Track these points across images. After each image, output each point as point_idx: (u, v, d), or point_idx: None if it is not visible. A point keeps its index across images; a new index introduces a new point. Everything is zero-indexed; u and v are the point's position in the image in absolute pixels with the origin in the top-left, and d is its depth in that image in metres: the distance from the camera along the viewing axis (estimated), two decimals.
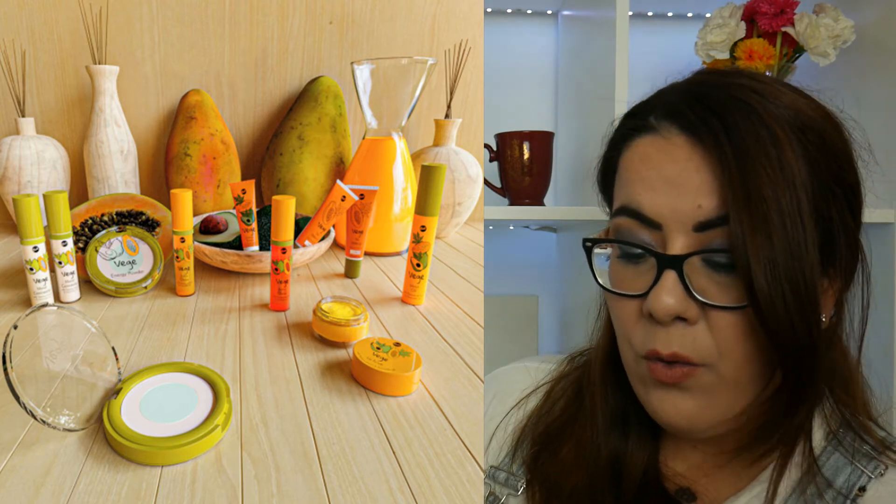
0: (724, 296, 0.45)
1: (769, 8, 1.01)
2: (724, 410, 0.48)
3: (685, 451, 0.55)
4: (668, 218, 0.46)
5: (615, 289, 0.50)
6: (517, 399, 0.62)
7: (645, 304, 0.47)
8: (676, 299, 0.45)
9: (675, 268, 0.46)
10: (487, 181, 1.18)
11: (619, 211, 0.49)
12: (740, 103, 0.45)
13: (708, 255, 0.45)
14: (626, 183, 0.49)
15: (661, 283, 0.46)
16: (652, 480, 0.53)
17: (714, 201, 0.44)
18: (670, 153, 0.46)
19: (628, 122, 0.51)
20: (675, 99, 0.48)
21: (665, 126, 0.47)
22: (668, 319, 0.46)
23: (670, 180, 0.46)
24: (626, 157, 0.50)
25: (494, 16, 1.26)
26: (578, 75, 1.17)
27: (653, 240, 0.47)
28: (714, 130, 0.44)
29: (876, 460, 0.50)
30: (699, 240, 0.45)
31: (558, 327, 1.28)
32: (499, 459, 0.60)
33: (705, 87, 0.48)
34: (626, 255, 0.49)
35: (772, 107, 0.45)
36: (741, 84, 0.46)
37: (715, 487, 0.53)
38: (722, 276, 0.45)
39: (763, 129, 0.44)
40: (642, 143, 0.48)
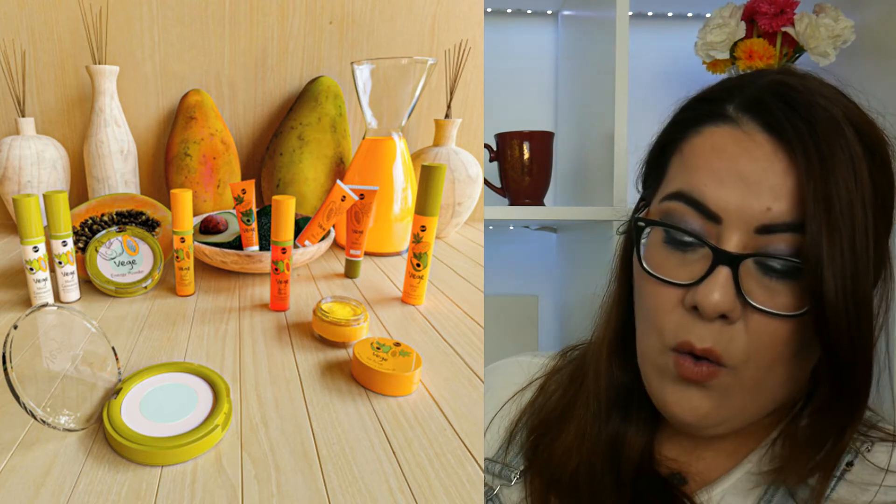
0: (771, 301, 0.45)
1: (769, 8, 1.01)
2: (736, 412, 0.48)
3: (678, 435, 0.55)
4: (733, 214, 0.45)
5: (657, 273, 0.48)
6: (511, 393, 0.63)
7: (690, 294, 0.46)
8: (726, 297, 0.45)
9: (732, 266, 0.45)
10: (487, 181, 1.18)
11: (674, 195, 0.48)
12: (826, 113, 0.44)
13: (764, 258, 0.45)
14: (689, 169, 0.48)
15: (713, 278, 0.45)
16: (647, 464, 0.53)
17: (785, 206, 0.44)
18: (749, 150, 0.45)
19: (701, 107, 0.49)
20: (758, 94, 0.46)
21: (745, 120, 0.46)
22: (714, 316, 0.45)
23: (744, 177, 0.44)
24: (695, 143, 0.48)
25: (494, 16, 1.26)
26: (578, 75, 1.17)
27: (705, 231, 0.46)
28: (802, 137, 0.43)
29: (862, 437, 0.50)
30: (757, 241, 0.45)
31: (558, 327, 1.28)
32: (493, 452, 0.61)
33: (789, 87, 0.46)
34: (674, 240, 0.48)
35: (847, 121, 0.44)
36: (821, 91, 0.46)
37: (704, 469, 0.54)
38: (773, 282, 0.45)
39: (845, 144, 0.43)
40: (717, 133, 0.47)
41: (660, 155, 0.52)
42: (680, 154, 0.49)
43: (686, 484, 0.53)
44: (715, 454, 0.54)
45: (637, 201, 0.56)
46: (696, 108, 0.50)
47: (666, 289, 0.48)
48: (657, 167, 0.53)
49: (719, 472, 0.53)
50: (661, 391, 0.50)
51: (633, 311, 0.53)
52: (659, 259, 0.49)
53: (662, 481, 0.53)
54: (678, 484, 0.53)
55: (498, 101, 1.26)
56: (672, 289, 0.48)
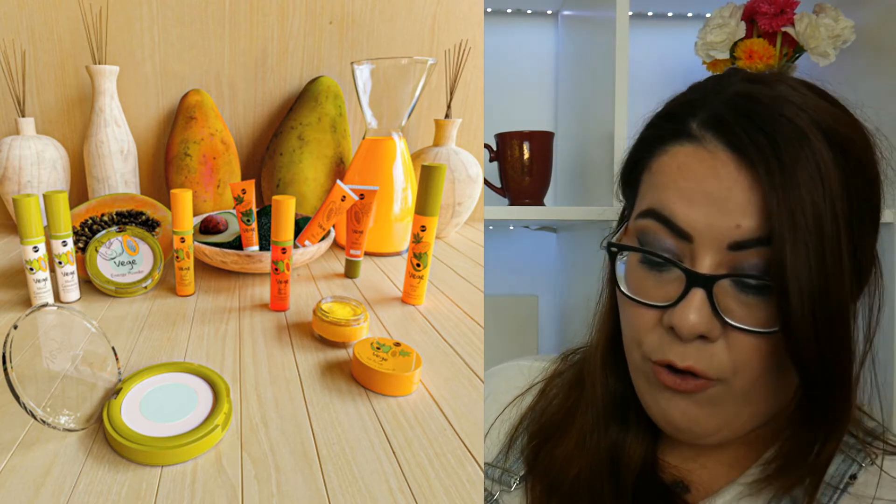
0: (749, 317, 0.45)
1: (769, 8, 1.01)
2: (730, 419, 0.48)
3: (681, 443, 0.55)
4: (703, 233, 0.45)
5: (634, 295, 0.49)
6: (512, 397, 0.62)
7: (667, 316, 0.46)
8: (702, 319, 0.45)
9: (706, 287, 0.45)
10: (487, 181, 1.18)
11: (646, 213, 0.48)
12: (789, 124, 0.44)
13: (739, 278, 0.44)
14: (658, 188, 0.48)
15: (688, 301, 0.45)
16: (649, 471, 0.53)
17: (754, 222, 0.43)
18: (714, 168, 0.45)
19: (666, 125, 0.49)
20: (720, 109, 0.46)
21: (709, 137, 0.46)
22: (691, 338, 0.45)
23: (711, 196, 0.44)
24: (662, 162, 0.48)
25: (494, 16, 1.26)
26: (578, 75, 1.17)
27: (678, 249, 0.47)
28: (764, 153, 0.43)
29: (866, 450, 0.50)
30: (730, 258, 0.45)
31: (558, 327, 1.28)
32: (493, 456, 0.60)
33: (752, 100, 0.46)
34: (650, 260, 0.48)
35: (815, 125, 0.44)
36: (787, 98, 0.45)
37: (707, 479, 0.53)
38: (749, 298, 0.45)
39: (810, 154, 0.43)
40: (682, 152, 0.47)
41: (631, 171, 0.53)
42: (649, 172, 0.50)
43: (689, 492, 0.53)
44: (718, 464, 0.54)
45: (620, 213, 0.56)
46: (662, 126, 0.50)
47: (643, 310, 0.48)
48: (630, 183, 0.53)
49: (722, 483, 0.53)
50: (651, 399, 0.50)
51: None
52: (636, 280, 0.49)
53: (665, 489, 0.53)
54: (681, 492, 0.53)
55: (498, 101, 1.26)
56: (649, 310, 0.48)
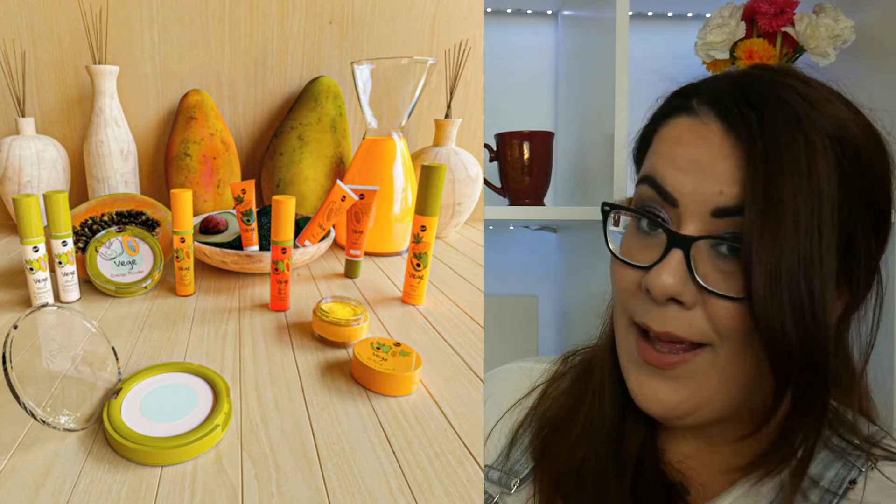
0: (726, 284, 0.45)
1: (769, 8, 1.01)
2: (706, 399, 0.48)
3: (678, 438, 0.55)
4: (688, 197, 0.46)
5: (622, 256, 0.50)
6: (513, 400, 0.62)
7: (644, 278, 0.47)
8: (676, 280, 0.46)
9: (683, 248, 0.46)
10: (487, 181, 1.18)
11: (642, 180, 0.50)
12: (782, 103, 0.45)
13: (718, 241, 0.45)
14: (654, 155, 0.50)
15: (665, 261, 0.46)
16: (650, 463, 0.53)
17: (736, 190, 0.44)
18: (703, 137, 0.46)
19: (672, 101, 0.51)
20: (721, 87, 0.48)
21: (704, 111, 0.47)
22: (662, 299, 0.46)
23: (697, 162, 0.46)
24: (662, 133, 0.50)
25: (494, 16, 1.26)
26: (578, 75, 1.17)
27: (669, 216, 0.48)
28: (749, 123, 0.44)
29: (865, 455, 0.50)
30: (714, 226, 0.45)
31: (558, 327, 1.28)
32: (493, 458, 0.60)
33: (753, 80, 0.48)
34: (641, 225, 0.49)
35: (815, 113, 0.45)
36: (790, 84, 0.46)
37: (706, 482, 0.53)
38: (727, 265, 0.45)
39: (799, 134, 0.44)
40: (680, 124, 0.49)
41: (640, 149, 0.54)
42: (651, 146, 0.52)
43: (689, 494, 0.53)
44: (717, 465, 0.53)
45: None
46: (670, 102, 0.52)
47: (629, 271, 0.49)
48: (639, 160, 0.54)
49: (723, 486, 0.52)
50: (628, 375, 0.51)
51: None
52: (629, 244, 0.51)
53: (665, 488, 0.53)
54: (682, 493, 0.53)
55: (498, 101, 1.26)
56: (633, 271, 0.49)
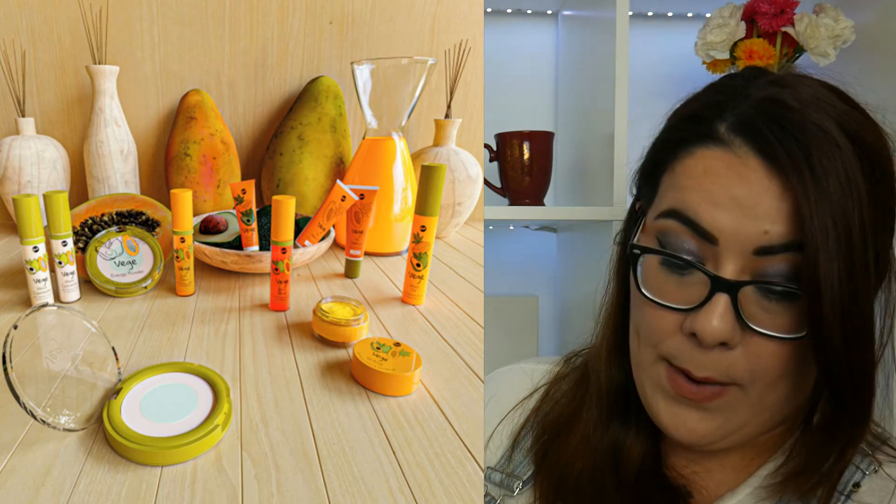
0: (772, 324, 0.45)
1: (769, 8, 1.01)
2: (740, 426, 0.48)
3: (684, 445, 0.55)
4: (729, 236, 0.44)
5: (655, 297, 0.48)
6: (515, 401, 0.62)
7: (689, 321, 0.46)
8: (726, 325, 0.44)
9: (731, 293, 0.44)
10: (487, 181, 1.18)
11: (668, 213, 0.47)
12: (819, 131, 0.43)
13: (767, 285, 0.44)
14: (683, 189, 0.47)
15: (711, 306, 0.45)
16: (651, 470, 0.53)
17: (783, 228, 0.43)
18: (742, 174, 0.44)
19: (690, 127, 0.48)
20: (749, 113, 0.45)
21: (738, 143, 0.45)
22: (713, 344, 0.45)
23: (739, 201, 0.44)
24: (687, 165, 0.47)
25: (494, 16, 1.26)
26: (578, 75, 1.17)
27: (701, 252, 0.46)
28: (796, 161, 0.42)
29: (870, 457, 0.50)
30: (756, 263, 0.44)
31: (558, 327, 1.28)
32: (495, 460, 0.60)
33: (781, 105, 0.45)
34: (671, 262, 0.47)
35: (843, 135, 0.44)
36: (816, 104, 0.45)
37: (710, 485, 0.53)
38: (773, 304, 0.45)
39: (840, 163, 0.43)
40: (709, 156, 0.46)
41: (652, 170, 0.52)
42: (672, 173, 0.49)
43: (692, 497, 0.53)
44: (723, 469, 0.53)
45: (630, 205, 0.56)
46: (685, 129, 0.49)
47: (664, 312, 0.47)
48: (651, 181, 0.52)
49: (727, 488, 0.52)
50: (656, 405, 0.50)
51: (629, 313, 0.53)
52: (657, 282, 0.48)
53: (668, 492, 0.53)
54: (684, 497, 0.53)
55: (498, 101, 1.26)
56: (671, 313, 0.47)
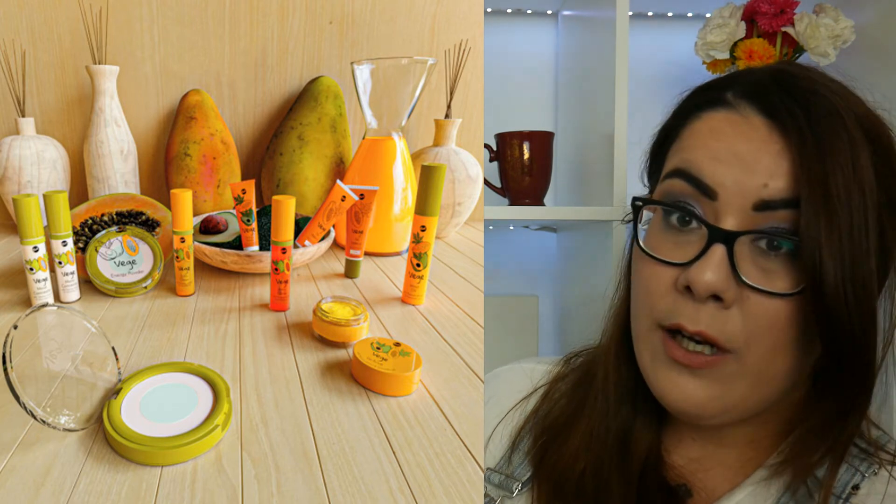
0: (768, 282, 0.44)
1: (769, 8, 1.01)
2: (738, 400, 0.47)
3: (685, 442, 0.54)
4: (729, 190, 0.45)
5: (653, 253, 0.48)
6: (515, 401, 0.62)
7: (683, 274, 0.46)
8: (720, 276, 0.44)
9: (727, 243, 0.45)
10: (487, 181, 1.18)
11: (673, 173, 0.48)
12: (824, 100, 0.45)
13: (762, 236, 0.44)
14: (687, 149, 0.48)
15: (707, 257, 0.45)
16: (654, 467, 0.53)
17: (782, 183, 0.44)
18: (745, 132, 0.45)
19: (701, 95, 0.50)
20: (757, 80, 0.47)
21: (743, 105, 0.46)
22: (705, 295, 0.45)
23: (739, 155, 0.45)
24: (694, 128, 0.49)
25: (494, 16, 1.26)
26: (578, 75, 1.17)
27: (704, 210, 0.46)
28: (798, 119, 0.44)
29: (869, 459, 0.50)
30: (755, 219, 0.44)
31: (558, 327, 1.28)
32: (495, 461, 0.60)
33: (790, 76, 0.47)
34: (671, 221, 0.48)
35: (850, 112, 0.45)
36: (824, 83, 0.46)
37: (711, 483, 0.53)
38: (770, 262, 0.44)
39: (843, 130, 0.44)
40: (715, 118, 0.47)
41: (661, 144, 0.53)
42: (678, 140, 0.50)
43: (692, 496, 0.53)
44: (723, 468, 0.53)
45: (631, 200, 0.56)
46: (698, 96, 0.50)
47: (660, 268, 0.48)
48: (659, 156, 0.53)
49: (727, 487, 0.52)
50: (655, 374, 0.49)
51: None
52: (657, 241, 0.49)
53: (668, 491, 0.53)
54: (684, 496, 0.53)
55: (498, 101, 1.26)
56: (666, 269, 0.47)
